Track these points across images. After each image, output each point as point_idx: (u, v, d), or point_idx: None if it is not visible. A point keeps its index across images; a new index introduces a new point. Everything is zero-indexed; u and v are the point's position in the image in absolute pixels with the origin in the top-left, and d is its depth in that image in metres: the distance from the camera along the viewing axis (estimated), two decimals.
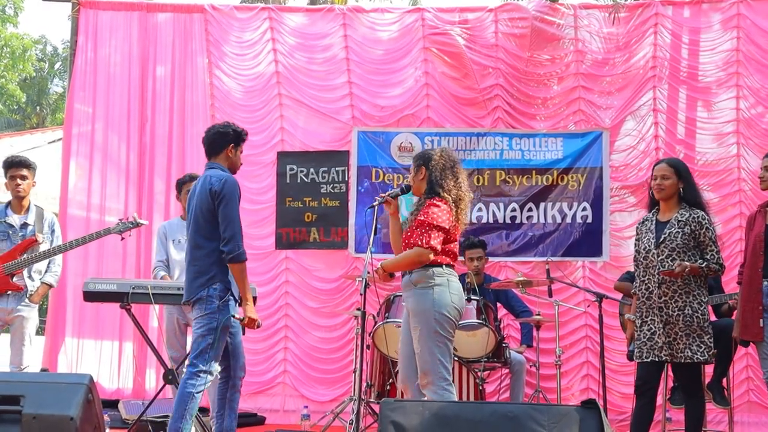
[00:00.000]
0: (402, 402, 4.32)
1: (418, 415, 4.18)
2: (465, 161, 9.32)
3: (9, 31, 37.99)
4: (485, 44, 9.43)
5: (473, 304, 7.71)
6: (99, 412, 5.38)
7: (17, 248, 7.02)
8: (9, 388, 4.94)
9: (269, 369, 9.35)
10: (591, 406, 4.16)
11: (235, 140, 6.07)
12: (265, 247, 9.49)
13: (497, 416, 4.16)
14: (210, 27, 9.73)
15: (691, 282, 6.04)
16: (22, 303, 7.03)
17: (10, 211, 7.23)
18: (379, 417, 4.28)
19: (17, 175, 7.18)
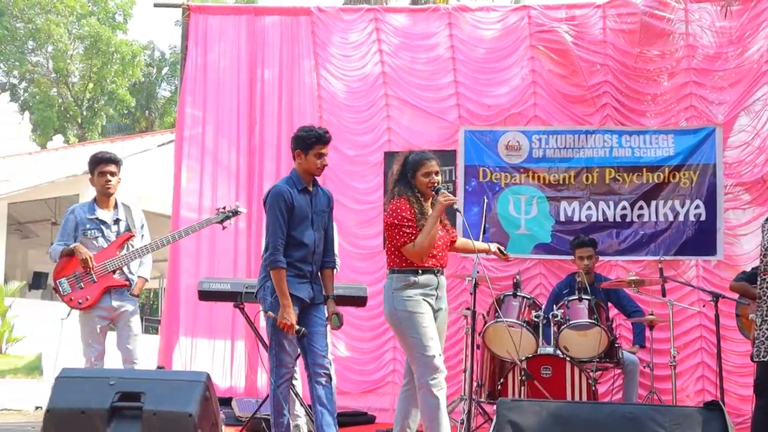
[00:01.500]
0: (519, 401, 4.31)
1: (534, 414, 4.16)
2: (573, 159, 9.26)
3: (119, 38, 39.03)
4: (593, 41, 9.32)
5: (584, 304, 7.65)
6: (216, 409, 5.48)
7: (114, 244, 7.05)
8: (130, 385, 5.07)
9: (378, 368, 9.39)
10: (714, 407, 4.08)
11: (300, 146, 6.13)
12: (372, 247, 9.53)
13: (616, 417, 4.11)
14: (316, 29, 9.81)
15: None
16: (125, 298, 7.09)
17: (97, 207, 7.17)
18: (496, 416, 4.27)
19: (107, 171, 7.11)
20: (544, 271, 9.17)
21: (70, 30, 39.24)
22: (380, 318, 9.35)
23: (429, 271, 5.98)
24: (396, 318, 5.96)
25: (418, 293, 5.91)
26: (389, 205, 6.06)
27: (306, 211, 6.08)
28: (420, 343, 5.87)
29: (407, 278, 5.94)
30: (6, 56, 39.92)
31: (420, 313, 5.87)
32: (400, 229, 5.90)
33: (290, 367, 6.13)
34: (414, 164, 6.07)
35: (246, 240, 9.43)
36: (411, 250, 5.89)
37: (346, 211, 9.53)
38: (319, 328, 6.14)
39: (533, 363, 7.33)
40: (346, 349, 9.47)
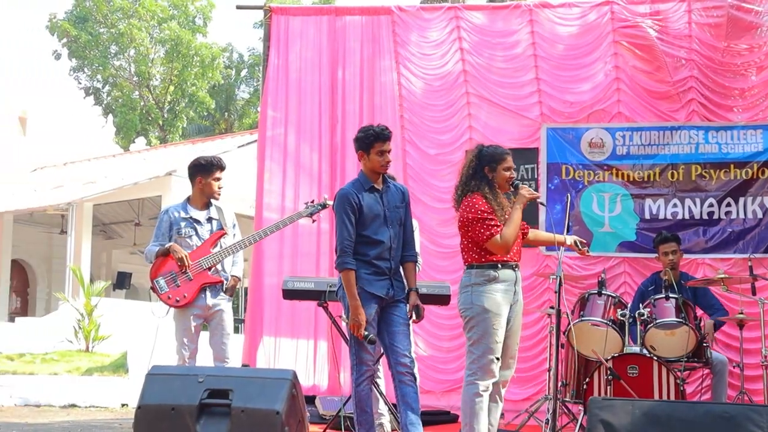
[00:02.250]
0: (611, 400, 4.25)
1: (627, 414, 4.10)
2: (658, 156, 9.14)
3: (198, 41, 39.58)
4: (678, 35, 9.16)
5: (671, 302, 7.53)
6: (302, 406, 5.52)
7: (208, 242, 7.12)
8: (218, 382, 5.14)
9: (461, 367, 9.25)
10: None
11: (361, 147, 6.15)
12: (454, 246, 9.39)
13: (711, 416, 4.03)
14: (397, 28, 9.81)
15: None
16: (219, 297, 7.18)
17: (191, 207, 7.26)
18: (588, 416, 4.22)
19: (221, 177, 7.29)
20: (628, 269, 9.06)
21: (152, 34, 39.92)
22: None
23: (507, 266, 5.94)
24: (471, 311, 5.90)
25: (498, 289, 5.87)
26: (464, 201, 6.01)
27: (377, 210, 6.11)
28: (485, 343, 5.84)
29: (488, 273, 5.90)
30: (90, 61, 40.75)
31: (495, 313, 5.83)
32: (483, 222, 5.85)
33: (370, 365, 6.17)
34: (494, 158, 6.04)
35: (328, 240, 9.47)
36: (497, 242, 5.84)
37: (428, 209, 9.53)
38: (401, 327, 6.15)
39: (619, 362, 7.23)
40: (426, 348, 9.45)
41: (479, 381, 5.83)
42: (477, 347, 5.88)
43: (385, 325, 6.12)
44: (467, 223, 5.94)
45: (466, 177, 6.08)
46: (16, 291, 26.35)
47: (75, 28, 39.57)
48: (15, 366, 15.22)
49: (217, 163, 7.27)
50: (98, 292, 17.63)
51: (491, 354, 5.83)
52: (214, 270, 7.12)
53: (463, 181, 6.10)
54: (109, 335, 16.73)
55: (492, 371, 5.84)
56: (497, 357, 5.84)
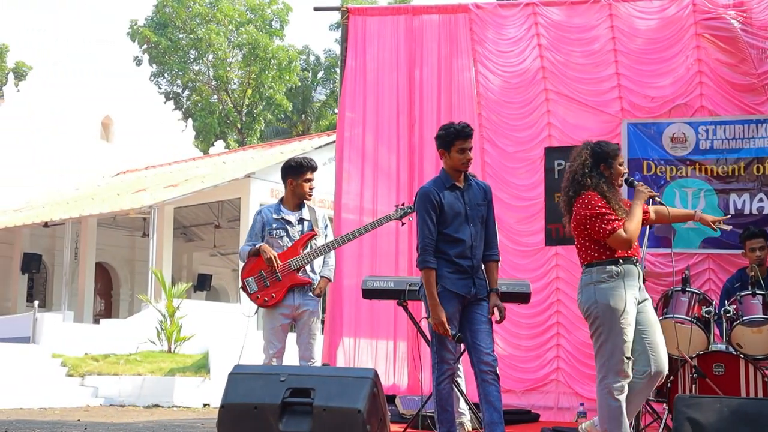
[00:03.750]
0: (698, 398, 4.17)
1: (715, 412, 4.02)
2: (743, 150, 8.94)
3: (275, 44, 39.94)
4: (762, 26, 8.94)
5: (758, 299, 7.36)
6: (383, 405, 5.53)
7: (298, 243, 7.19)
8: (300, 381, 5.18)
9: (541, 366, 9.29)
10: None
11: (442, 145, 6.12)
12: (534, 244, 9.45)
13: None
14: (474, 26, 9.77)
15: None
16: (307, 297, 7.24)
17: (284, 208, 7.34)
18: (675, 413, 4.14)
19: (312, 178, 7.33)
20: (712, 265, 8.89)
21: (230, 38, 40.40)
22: (542, 315, 9.32)
23: (629, 261, 5.79)
24: (596, 310, 5.75)
25: (622, 285, 5.71)
26: (578, 199, 5.85)
27: (458, 208, 6.08)
28: (614, 342, 5.69)
29: (609, 269, 5.75)
30: (170, 66, 41.42)
31: (622, 310, 5.66)
32: (603, 218, 5.70)
33: (451, 364, 6.14)
34: (610, 154, 5.92)
35: (407, 240, 9.47)
36: (621, 236, 5.69)
37: (506, 207, 9.47)
38: (483, 325, 6.10)
39: (705, 360, 7.09)
40: (506, 347, 9.40)
41: (612, 383, 5.69)
42: (606, 347, 5.73)
43: (467, 323, 6.09)
44: (585, 220, 5.79)
45: (581, 175, 5.89)
46: (100, 293, 26.91)
47: (155, 34, 40.27)
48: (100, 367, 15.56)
49: (308, 164, 7.32)
50: (180, 293, 17.92)
51: (621, 353, 5.67)
52: (303, 271, 7.18)
53: (577, 179, 5.91)
54: (191, 336, 17.01)
55: (624, 371, 5.68)
56: (628, 356, 5.68)
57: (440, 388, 6.08)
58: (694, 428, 3.98)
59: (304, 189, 7.30)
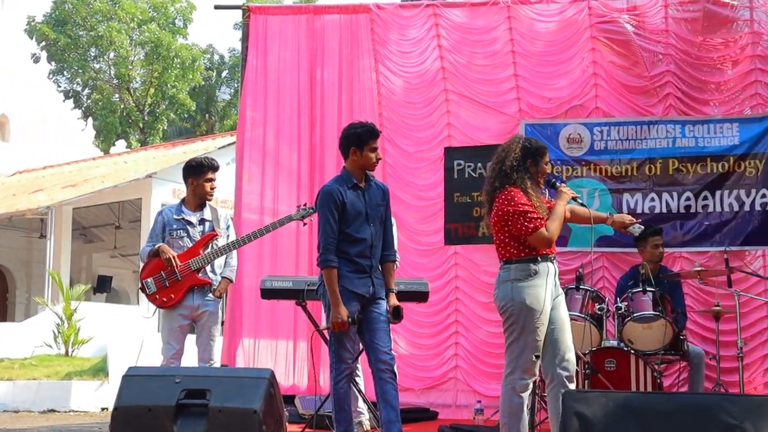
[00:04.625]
0: (585, 392, 4.26)
1: (602, 406, 4.11)
2: (636, 151, 9.18)
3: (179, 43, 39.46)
4: (655, 30, 9.19)
5: (648, 296, 7.56)
6: (280, 406, 5.51)
7: (198, 243, 7.13)
8: (196, 382, 5.14)
9: (440, 364, 9.37)
10: None
11: (355, 143, 6.12)
12: (433, 243, 9.52)
13: (687, 407, 4.04)
14: (375, 26, 9.79)
15: None
16: (207, 298, 7.17)
17: (185, 208, 7.29)
18: (562, 408, 4.22)
19: (213, 177, 7.29)
20: (607, 264, 9.08)
21: (131, 36, 39.76)
22: (441, 314, 9.39)
23: (547, 259, 5.78)
24: (512, 308, 5.71)
25: (539, 283, 5.70)
26: (500, 194, 5.78)
27: (359, 207, 6.10)
28: (525, 340, 5.70)
29: (528, 268, 5.71)
30: (70, 64, 40.56)
31: (537, 309, 5.66)
32: (526, 215, 5.65)
33: (349, 363, 6.16)
34: (538, 151, 5.87)
35: (308, 240, 9.44)
36: (544, 235, 5.65)
37: (406, 207, 9.53)
38: (381, 324, 6.13)
39: (597, 356, 7.26)
40: (406, 346, 9.46)
41: (519, 380, 5.71)
42: (517, 345, 5.73)
43: (365, 322, 6.10)
44: (507, 216, 5.71)
45: (510, 168, 5.79)
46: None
47: (54, 31, 39.38)
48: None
49: (209, 164, 7.28)
50: (78, 296, 17.55)
51: (531, 352, 5.68)
52: (204, 272, 7.13)
53: (504, 172, 5.80)
54: (89, 339, 16.67)
55: (532, 369, 5.70)
56: (537, 355, 5.70)
57: (338, 387, 6.09)
58: (581, 422, 4.06)
59: (205, 189, 7.26)
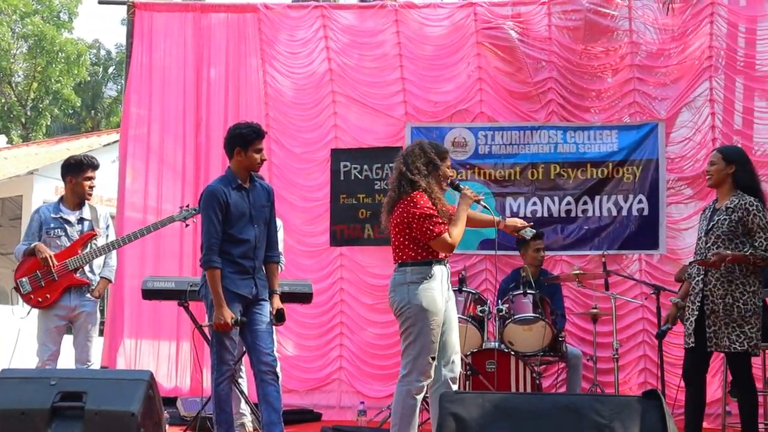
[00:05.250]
0: (461, 394, 4.31)
1: (477, 406, 4.15)
2: (519, 155, 9.34)
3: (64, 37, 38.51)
4: (538, 37, 9.40)
5: (529, 298, 7.71)
6: (159, 408, 5.43)
7: (77, 243, 7.01)
8: (71, 384, 5.02)
9: (325, 366, 9.39)
10: (653, 396, 4.11)
11: (240, 143, 6.11)
12: (319, 244, 9.54)
13: (558, 407, 4.13)
14: (263, 26, 9.77)
15: (735, 270, 5.99)
16: (85, 298, 7.05)
17: (63, 207, 7.17)
18: (439, 410, 4.26)
19: (93, 176, 7.18)
20: (489, 266, 9.23)
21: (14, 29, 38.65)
22: (326, 315, 9.41)
23: (440, 262, 5.83)
24: (409, 310, 5.72)
25: (434, 287, 5.73)
26: (405, 197, 5.79)
27: (243, 208, 6.08)
28: (422, 343, 5.72)
29: (425, 271, 5.74)
30: None
31: (433, 312, 5.69)
32: (430, 219, 5.67)
33: (231, 365, 6.15)
34: (440, 156, 5.90)
35: (192, 240, 9.35)
36: (446, 240, 5.69)
37: (292, 208, 9.52)
38: (263, 326, 6.13)
39: (478, 357, 7.37)
40: (290, 347, 9.45)
41: (415, 382, 5.71)
42: (413, 347, 5.72)
43: (247, 324, 6.08)
44: (411, 219, 5.72)
45: (413, 174, 5.82)
46: None
47: None
48: None
49: (88, 162, 7.17)
50: None
51: (428, 354, 5.70)
52: (82, 271, 7.01)
53: (408, 178, 5.82)
54: None
55: (428, 372, 5.72)
56: (433, 356, 5.72)
57: (219, 389, 6.07)
58: (458, 423, 4.10)
59: (84, 188, 7.15)
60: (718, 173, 6.14)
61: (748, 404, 6.06)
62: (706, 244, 6.08)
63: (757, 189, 6.14)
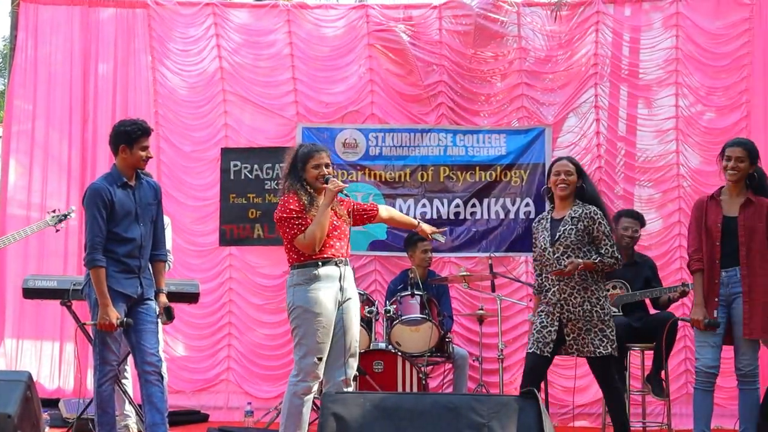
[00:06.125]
0: (343, 394, 4.34)
1: (359, 406, 4.20)
2: (409, 157, 9.40)
3: None
4: (429, 41, 9.47)
5: (416, 299, 7.78)
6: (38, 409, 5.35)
7: None
8: None
9: (213, 366, 9.31)
10: (529, 396, 4.21)
11: (125, 140, 6.03)
12: (208, 244, 9.45)
13: (438, 407, 4.19)
14: (153, 23, 9.62)
15: (588, 278, 6.17)
16: None
17: None
18: (321, 410, 4.28)
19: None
20: (379, 267, 9.28)
21: None
22: (215, 315, 9.34)
23: (330, 263, 5.84)
24: (294, 312, 5.79)
25: (320, 287, 5.76)
26: (280, 201, 5.94)
27: (129, 206, 6.02)
28: (307, 344, 5.75)
29: (309, 272, 5.78)
30: None
31: (317, 313, 5.71)
32: (289, 221, 5.77)
33: (114, 365, 6.08)
34: (304, 157, 5.95)
35: (78, 239, 9.16)
36: (302, 241, 5.75)
37: (182, 207, 9.42)
38: (148, 326, 6.08)
39: (365, 358, 7.40)
40: (178, 347, 9.35)
41: (301, 382, 5.75)
42: (300, 348, 5.77)
43: (133, 323, 6.01)
44: (278, 222, 5.88)
45: (283, 177, 6.02)
46: None
47: None
48: None
49: None
50: None
51: (313, 355, 5.72)
52: None
53: (282, 180, 6.05)
54: None
55: (314, 372, 5.74)
56: (320, 357, 5.74)
57: (101, 390, 5.99)
58: (339, 423, 4.14)
59: None
60: (572, 184, 6.30)
61: (615, 401, 6.27)
62: (555, 255, 6.23)
63: (597, 199, 6.39)
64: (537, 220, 6.59)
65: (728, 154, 6.18)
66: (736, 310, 6.11)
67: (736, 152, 6.14)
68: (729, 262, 6.13)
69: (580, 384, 8.42)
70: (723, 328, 6.13)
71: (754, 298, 6.04)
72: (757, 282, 6.05)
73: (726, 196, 6.26)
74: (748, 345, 6.09)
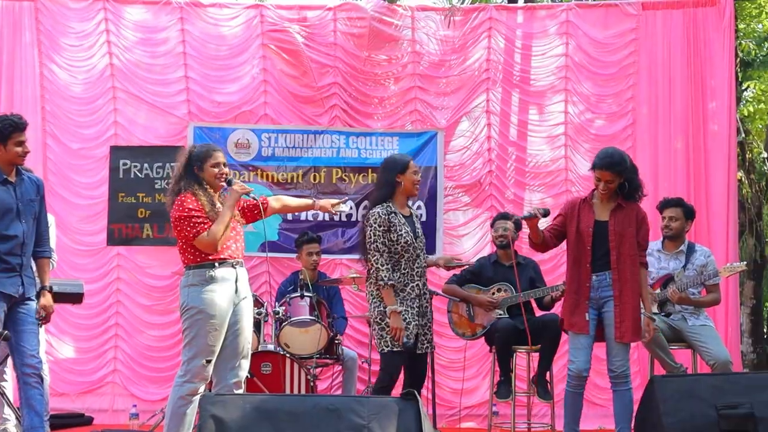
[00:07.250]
0: (223, 396, 4.30)
1: (238, 408, 4.17)
2: (302, 159, 9.39)
3: None
4: (324, 43, 9.47)
5: (306, 301, 7.75)
6: None
7: None
8: None
9: (99, 368, 9.14)
10: (410, 397, 4.23)
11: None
12: (95, 244, 9.27)
13: (319, 409, 4.20)
14: (41, 16, 9.39)
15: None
16: None
17: None
18: (200, 412, 4.24)
19: None
20: (270, 269, 9.22)
21: None
22: (101, 316, 9.18)
23: (226, 264, 5.80)
24: (186, 312, 5.73)
25: (215, 289, 5.71)
26: (174, 201, 5.82)
27: (9, 203, 5.87)
28: (197, 345, 5.69)
29: (204, 273, 5.72)
30: None
31: (211, 314, 5.66)
32: (189, 220, 5.69)
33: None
34: (201, 156, 5.90)
35: None
36: (205, 239, 5.69)
37: (69, 205, 9.22)
38: (29, 326, 5.93)
39: (253, 360, 7.29)
40: (62, 349, 9.15)
41: (187, 383, 5.66)
42: (189, 349, 5.71)
43: (12, 324, 5.87)
44: (176, 221, 5.78)
45: (177, 177, 5.91)
46: None
47: None
48: None
49: None
50: None
51: (203, 356, 5.66)
52: None
53: (175, 181, 5.93)
54: None
55: (202, 374, 5.68)
56: (209, 359, 5.68)
57: None
58: (218, 425, 4.10)
59: None
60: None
61: None
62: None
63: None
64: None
65: (597, 176, 6.26)
66: (607, 313, 6.23)
67: (605, 176, 6.22)
68: (600, 266, 6.26)
69: (468, 386, 8.52)
70: (593, 330, 6.25)
71: (624, 302, 6.16)
72: (626, 286, 6.18)
73: (598, 200, 6.36)
74: (619, 347, 6.21)
